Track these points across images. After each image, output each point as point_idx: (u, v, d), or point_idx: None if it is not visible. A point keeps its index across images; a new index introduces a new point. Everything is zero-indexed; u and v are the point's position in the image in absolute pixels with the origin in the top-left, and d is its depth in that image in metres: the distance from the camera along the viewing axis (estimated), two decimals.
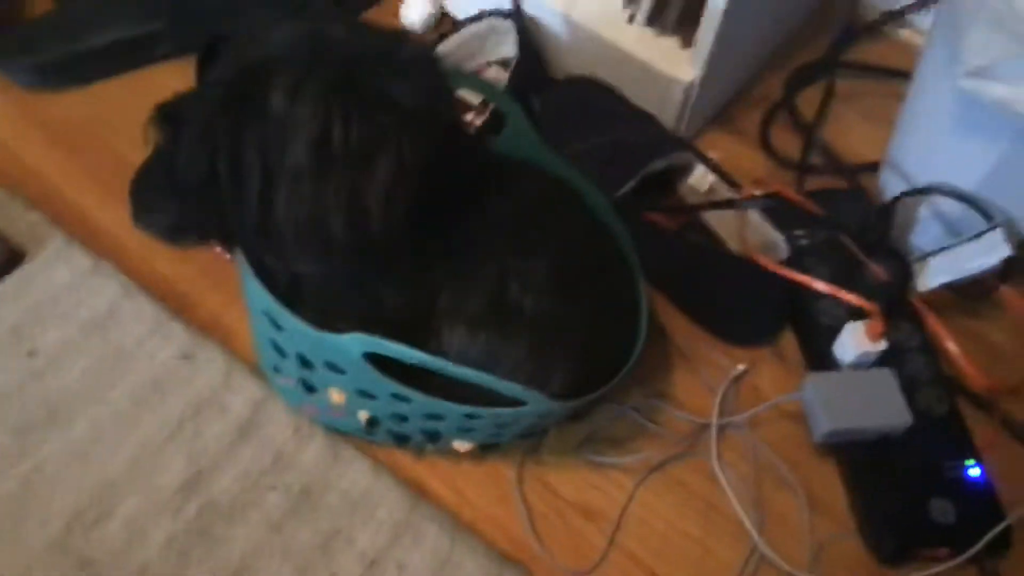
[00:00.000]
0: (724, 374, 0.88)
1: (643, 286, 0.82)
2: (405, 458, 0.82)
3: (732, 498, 0.80)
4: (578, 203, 0.84)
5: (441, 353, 0.69)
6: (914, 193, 0.91)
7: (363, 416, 0.77)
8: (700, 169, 0.95)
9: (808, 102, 1.09)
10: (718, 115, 1.08)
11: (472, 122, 1.01)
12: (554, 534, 0.79)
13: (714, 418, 0.85)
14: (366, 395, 0.74)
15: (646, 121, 1.00)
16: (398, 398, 0.73)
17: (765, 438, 0.85)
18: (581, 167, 0.85)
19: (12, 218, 0.92)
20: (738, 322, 0.92)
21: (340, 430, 0.82)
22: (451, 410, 0.73)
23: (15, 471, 0.78)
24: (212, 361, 0.85)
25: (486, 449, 0.82)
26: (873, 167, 1.01)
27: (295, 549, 0.76)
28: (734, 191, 0.96)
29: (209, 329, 0.88)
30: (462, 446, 0.79)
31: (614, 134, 0.96)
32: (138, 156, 0.72)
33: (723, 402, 0.86)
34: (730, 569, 0.78)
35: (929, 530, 0.78)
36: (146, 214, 0.73)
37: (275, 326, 0.72)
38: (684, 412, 0.86)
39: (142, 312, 0.87)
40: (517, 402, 0.71)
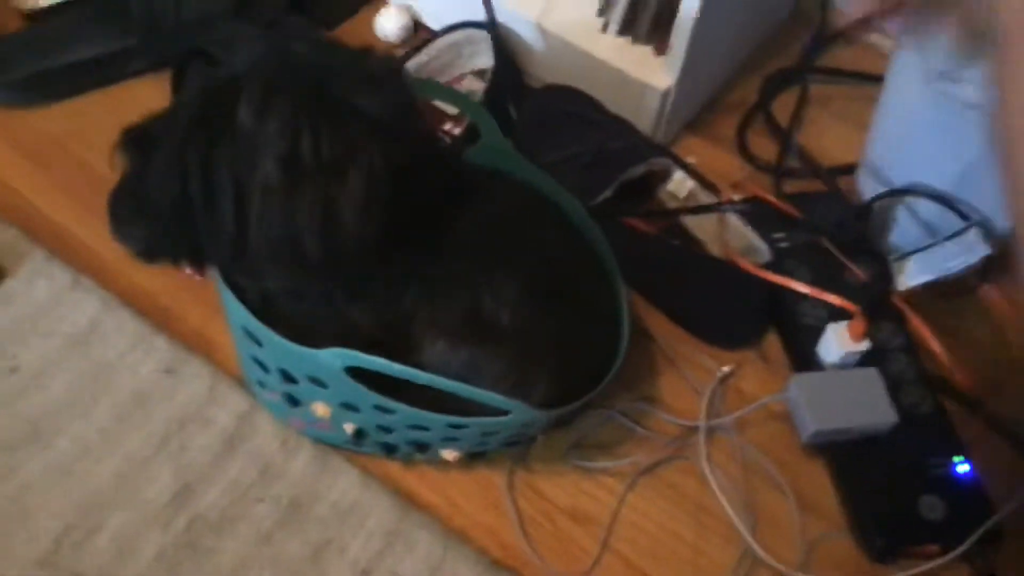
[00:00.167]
0: (709, 376, 0.88)
1: (624, 292, 0.82)
2: (394, 468, 0.82)
3: (722, 500, 0.81)
4: (553, 212, 0.84)
5: (422, 365, 0.70)
6: (891, 194, 0.92)
7: (350, 428, 0.77)
8: (679, 175, 0.96)
9: (783, 107, 1.10)
10: (694, 121, 1.09)
11: (450, 132, 1.01)
12: (545, 539, 0.79)
13: (702, 420, 0.85)
14: (350, 408, 0.74)
15: (624, 128, 1.00)
16: (382, 410, 0.72)
17: (753, 439, 0.85)
18: (560, 175, 0.86)
19: None
20: (721, 326, 0.92)
21: (328, 442, 0.81)
22: (435, 420, 0.73)
23: (1, 488, 0.77)
24: (196, 375, 0.84)
25: (475, 457, 0.82)
26: (849, 169, 1.01)
27: (285, 560, 0.76)
28: (713, 196, 0.97)
29: (192, 342, 0.87)
30: (450, 455, 0.79)
31: (592, 142, 0.96)
32: (114, 172, 0.72)
33: (710, 404, 0.86)
34: (723, 570, 0.78)
35: (919, 527, 0.79)
36: (126, 227, 0.73)
37: (255, 342, 0.72)
38: (671, 415, 0.86)
39: (124, 326, 0.86)
40: (501, 412, 0.71)
